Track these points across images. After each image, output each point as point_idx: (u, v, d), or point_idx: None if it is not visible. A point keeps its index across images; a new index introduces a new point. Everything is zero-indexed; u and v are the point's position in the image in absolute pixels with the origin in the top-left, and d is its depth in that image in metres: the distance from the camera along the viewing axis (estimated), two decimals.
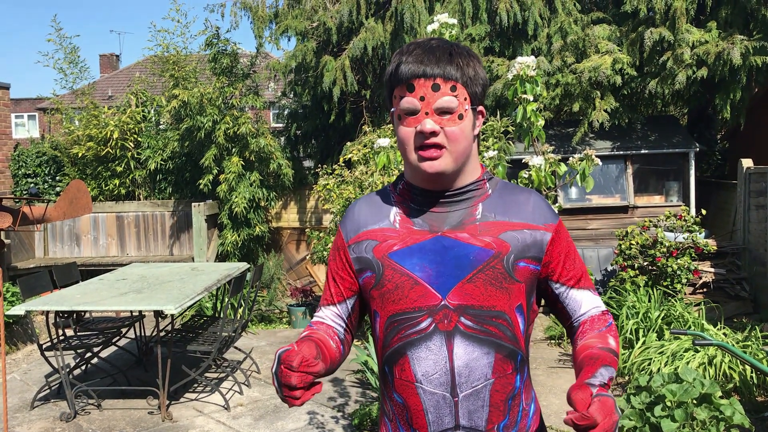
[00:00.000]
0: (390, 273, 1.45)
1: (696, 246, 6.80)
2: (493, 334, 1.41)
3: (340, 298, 1.58)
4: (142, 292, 5.09)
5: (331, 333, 1.55)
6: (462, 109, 1.39)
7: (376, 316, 1.50)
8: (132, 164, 8.94)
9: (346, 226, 1.57)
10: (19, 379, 5.93)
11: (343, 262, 1.56)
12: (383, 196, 1.56)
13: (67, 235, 8.98)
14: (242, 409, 5.10)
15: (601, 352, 1.42)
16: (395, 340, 1.44)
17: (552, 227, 1.49)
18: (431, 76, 1.37)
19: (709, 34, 7.63)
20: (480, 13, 8.17)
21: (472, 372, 1.40)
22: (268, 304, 8.29)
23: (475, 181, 1.49)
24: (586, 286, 1.54)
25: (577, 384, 1.28)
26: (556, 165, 3.21)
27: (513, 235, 1.45)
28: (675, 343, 5.21)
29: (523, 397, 1.47)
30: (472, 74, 1.41)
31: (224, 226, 8.40)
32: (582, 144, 8.29)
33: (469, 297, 1.40)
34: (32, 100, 25.51)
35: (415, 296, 1.42)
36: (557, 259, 1.50)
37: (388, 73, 1.45)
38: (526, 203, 1.50)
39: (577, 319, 1.54)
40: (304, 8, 8.58)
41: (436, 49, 1.40)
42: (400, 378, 1.44)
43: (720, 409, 3.53)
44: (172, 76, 8.32)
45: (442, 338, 1.40)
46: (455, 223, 1.45)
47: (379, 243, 1.48)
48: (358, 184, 6.02)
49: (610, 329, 1.51)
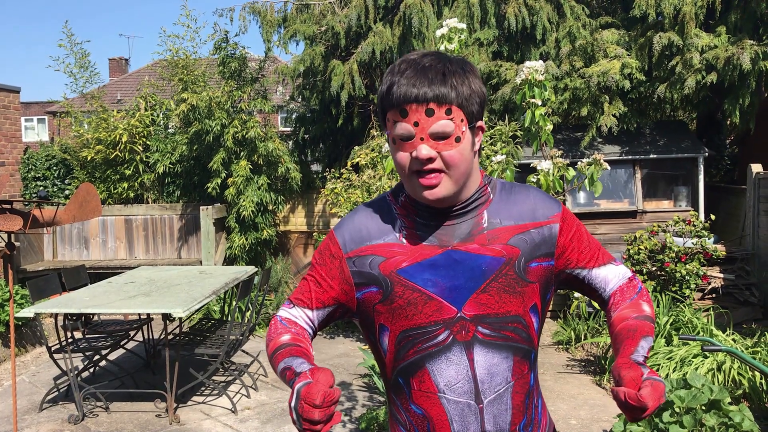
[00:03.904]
0: (400, 290, 1.42)
1: (705, 251, 6.77)
2: (510, 339, 1.42)
3: (319, 305, 1.51)
4: (150, 295, 5.11)
5: (307, 338, 1.50)
6: (459, 131, 1.34)
7: (383, 329, 1.47)
8: (141, 167, 8.98)
9: (344, 236, 1.50)
10: (28, 381, 5.96)
11: (336, 272, 1.49)
12: (385, 208, 1.51)
13: (76, 238, 9.02)
14: (249, 413, 5.10)
15: (638, 322, 1.43)
16: (411, 353, 1.43)
17: (557, 216, 1.49)
18: (424, 101, 1.31)
19: (719, 38, 7.60)
20: (488, 17, 8.17)
21: (494, 377, 1.41)
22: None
23: (477, 190, 1.47)
24: (605, 262, 1.54)
25: (624, 361, 1.29)
26: (565, 169, 3.20)
27: (521, 238, 1.45)
28: (683, 349, 5.19)
29: (534, 394, 1.49)
30: (468, 93, 1.35)
31: (232, 230, 8.42)
32: (590, 148, 8.27)
33: (484, 307, 1.40)
34: (42, 103, 25.66)
35: (429, 311, 1.41)
36: (570, 247, 1.49)
37: (380, 95, 1.39)
38: (526, 201, 1.49)
39: (606, 293, 1.54)
40: (313, 13, 8.60)
41: (429, 70, 1.33)
42: (419, 389, 1.43)
43: (729, 415, 3.51)
44: (181, 80, 8.35)
45: (462, 348, 1.40)
46: (464, 235, 1.44)
47: (386, 259, 1.45)
48: (366, 188, 6.03)
49: (641, 295, 1.51)
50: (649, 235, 7.02)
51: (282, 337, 1.46)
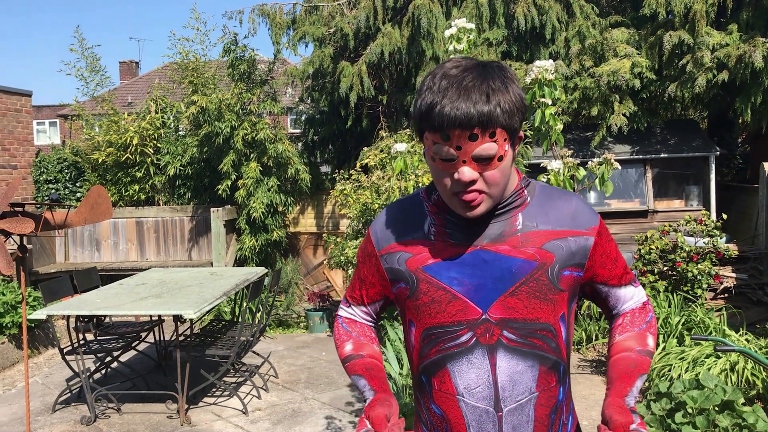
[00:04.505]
0: (425, 287, 1.41)
1: (717, 251, 6.72)
2: (537, 347, 1.37)
3: (369, 300, 1.59)
4: (161, 297, 5.13)
5: (370, 332, 1.61)
6: (502, 151, 1.29)
7: (411, 325, 1.47)
8: (151, 170, 9.02)
9: (377, 234, 1.52)
10: (41, 382, 6.00)
11: (374, 269, 1.54)
12: (416, 205, 1.50)
13: (87, 241, 9.07)
14: (260, 414, 5.11)
15: (639, 358, 1.43)
16: (433, 351, 1.42)
17: (595, 230, 1.45)
18: (468, 127, 1.25)
19: (730, 36, 7.55)
20: (497, 17, 8.15)
21: (516, 386, 1.36)
22: (286, 308, 8.31)
23: (513, 193, 1.42)
24: (627, 282, 1.52)
25: (617, 402, 1.31)
26: (575, 169, 3.19)
27: (557, 244, 1.40)
28: (696, 349, 5.15)
29: (564, 411, 1.44)
30: (512, 109, 1.28)
31: (242, 231, 8.44)
32: (600, 148, 8.24)
33: (511, 311, 1.37)
34: (54, 107, 25.82)
35: (453, 311, 1.39)
36: (599, 262, 1.47)
37: (418, 112, 1.31)
38: (567, 208, 1.45)
39: (617, 311, 1.53)
40: (322, 14, 8.61)
41: (472, 90, 1.25)
42: (440, 390, 1.41)
43: (743, 416, 3.48)
44: (191, 82, 8.39)
45: (484, 352, 1.37)
46: (495, 236, 1.40)
47: (413, 255, 1.44)
48: (375, 189, 6.03)
49: (650, 325, 1.50)
50: (660, 234, 6.98)
51: (345, 347, 1.57)
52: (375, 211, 6.06)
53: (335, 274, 8.90)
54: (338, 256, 6.73)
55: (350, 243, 6.39)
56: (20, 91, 8.78)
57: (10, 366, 6.45)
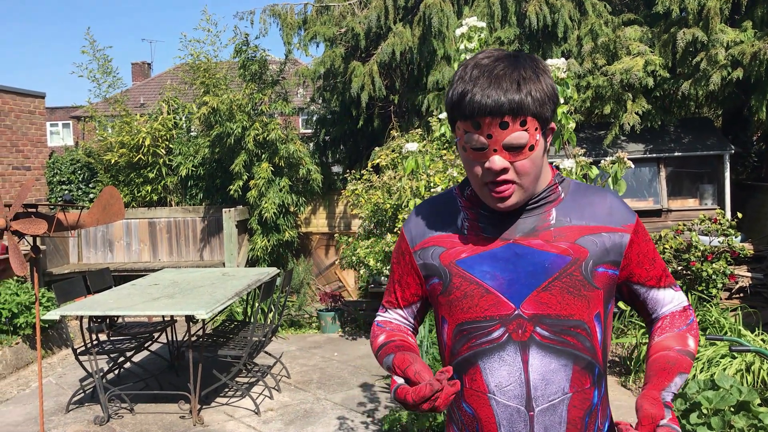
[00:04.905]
0: (458, 281, 1.40)
1: (732, 250, 6.66)
2: (571, 345, 1.34)
3: (405, 303, 1.56)
4: (173, 298, 5.14)
5: (405, 329, 1.57)
6: (533, 140, 1.29)
7: (443, 322, 1.46)
8: (164, 171, 9.05)
9: (411, 231, 1.52)
10: (55, 382, 6.03)
11: (408, 268, 1.52)
12: (450, 201, 1.50)
13: (100, 241, 9.12)
14: (273, 414, 5.11)
15: (679, 356, 1.39)
16: (465, 348, 1.39)
17: (630, 227, 1.42)
18: (499, 115, 1.25)
19: (745, 33, 7.47)
20: (509, 15, 8.12)
21: (549, 385, 1.33)
22: (298, 309, 8.32)
23: (547, 188, 1.41)
24: (667, 284, 1.49)
25: (653, 394, 1.27)
26: (588, 168, 3.17)
27: (591, 240, 1.38)
28: (711, 349, 5.10)
29: (599, 415, 1.40)
30: (543, 98, 1.28)
31: (254, 232, 8.46)
32: (613, 147, 8.19)
33: (545, 306, 1.34)
34: (67, 108, 26.01)
35: (485, 305, 1.37)
36: (635, 261, 1.43)
37: (450, 101, 1.33)
38: (603, 204, 1.43)
39: (657, 315, 1.50)
40: (333, 14, 8.61)
41: (503, 79, 1.26)
42: (471, 388, 1.39)
43: (759, 417, 3.44)
44: (203, 83, 8.41)
45: (517, 348, 1.34)
46: (528, 230, 1.39)
47: (446, 249, 1.43)
48: (387, 189, 6.02)
49: (690, 327, 1.47)
50: (674, 233, 6.93)
51: (378, 339, 1.53)
52: (386, 211, 6.04)
53: (347, 274, 8.90)
54: (350, 256, 6.72)
55: (362, 243, 6.38)
56: (34, 93, 8.85)
57: (25, 366, 6.49)
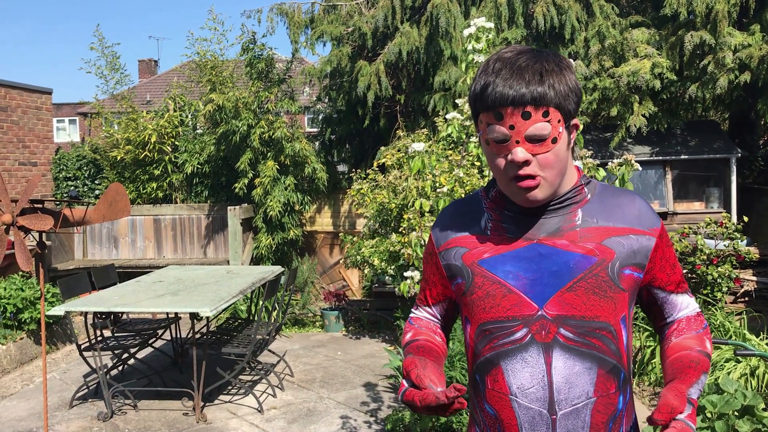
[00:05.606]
0: (480, 280, 1.39)
1: (737, 254, 6.63)
2: (596, 347, 1.32)
3: (433, 301, 1.59)
4: (178, 295, 5.15)
5: (434, 326, 1.59)
6: (556, 132, 1.28)
7: (466, 322, 1.45)
8: (169, 168, 9.07)
9: (437, 233, 1.53)
10: (59, 378, 6.05)
11: (435, 268, 1.54)
12: (474, 202, 1.51)
13: (105, 238, 9.14)
14: (276, 412, 5.12)
15: (701, 357, 1.39)
16: (487, 348, 1.38)
17: (656, 232, 1.42)
18: (521, 104, 1.25)
19: (753, 37, 7.44)
20: (516, 17, 8.11)
21: (573, 388, 1.31)
22: (302, 307, 8.33)
23: (572, 188, 1.40)
24: (684, 290, 1.49)
25: (679, 387, 1.27)
26: (594, 170, 3.16)
27: (618, 241, 1.37)
28: (715, 353, 5.09)
29: (624, 422, 1.37)
30: (565, 91, 1.28)
31: (259, 230, 8.47)
32: (620, 149, 8.17)
33: (569, 307, 1.32)
34: (73, 104, 26.09)
35: (508, 305, 1.36)
36: (659, 265, 1.43)
37: (473, 94, 1.33)
38: (631, 206, 1.42)
39: (672, 319, 1.50)
40: (340, 13, 8.61)
41: (525, 70, 1.26)
42: (493, 389, 1.37)
43: (763, 421, 3.43)
44: (210, 80, 8.42)
45: (540, 350, 1.32)
46: (553, 230, 1.38)
47: (469, 250, 1.43)
48: (392, 188, 6.01)
49: (706, 331, 1.47)
50: (679, 237, 6.91)
51: (406, 336, 1.57)
52: (392, 210, 6.04)
53: (351, 273, 8.90)
54: (354, 255, 6.72)
55: (367, 242, 6.38)
56: (40, 89, 8.87)
57: (29, 361, 6.51)
